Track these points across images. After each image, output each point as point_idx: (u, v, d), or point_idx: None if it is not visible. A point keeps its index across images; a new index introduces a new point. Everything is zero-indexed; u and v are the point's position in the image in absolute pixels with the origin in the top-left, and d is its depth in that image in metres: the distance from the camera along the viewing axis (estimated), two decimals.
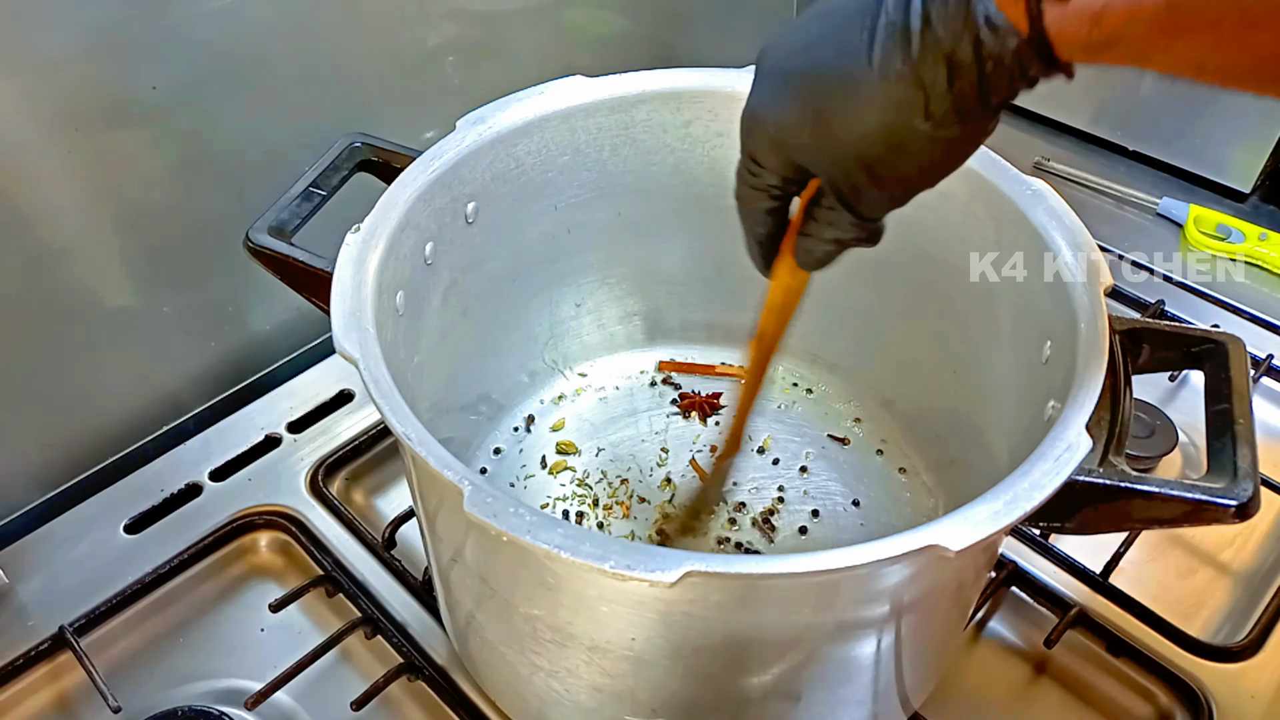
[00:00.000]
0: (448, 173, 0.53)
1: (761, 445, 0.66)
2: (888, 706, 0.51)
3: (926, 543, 0.36)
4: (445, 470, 0.38)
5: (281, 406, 0.71)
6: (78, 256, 0.63)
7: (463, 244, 0.56)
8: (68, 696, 0.56)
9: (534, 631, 0.44)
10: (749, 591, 0.39)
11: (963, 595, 0.49)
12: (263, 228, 0.52)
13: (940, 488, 0.63)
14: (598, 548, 0.36)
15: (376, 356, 0.43)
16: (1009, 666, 0.58)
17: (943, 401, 0.62)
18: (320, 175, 0.55)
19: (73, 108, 0.59)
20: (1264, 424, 0.70)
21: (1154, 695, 0.56)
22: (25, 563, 0.61)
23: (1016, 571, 0.60)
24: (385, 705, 0.55)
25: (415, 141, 0.58)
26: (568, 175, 0.60)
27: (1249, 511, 0.39)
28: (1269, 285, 0.82)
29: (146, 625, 0.60)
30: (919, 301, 0.60)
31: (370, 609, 0.59)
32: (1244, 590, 0.62)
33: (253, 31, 0.65)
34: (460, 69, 0.77)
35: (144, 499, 0.65)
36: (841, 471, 0.65)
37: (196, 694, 0.56)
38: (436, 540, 0.50)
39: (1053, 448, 0.39)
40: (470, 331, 0.60)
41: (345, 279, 0.46)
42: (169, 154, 0.65)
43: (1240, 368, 0.45)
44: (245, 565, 0.63)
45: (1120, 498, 0.40)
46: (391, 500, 0.67)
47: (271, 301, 0.75)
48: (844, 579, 0.39)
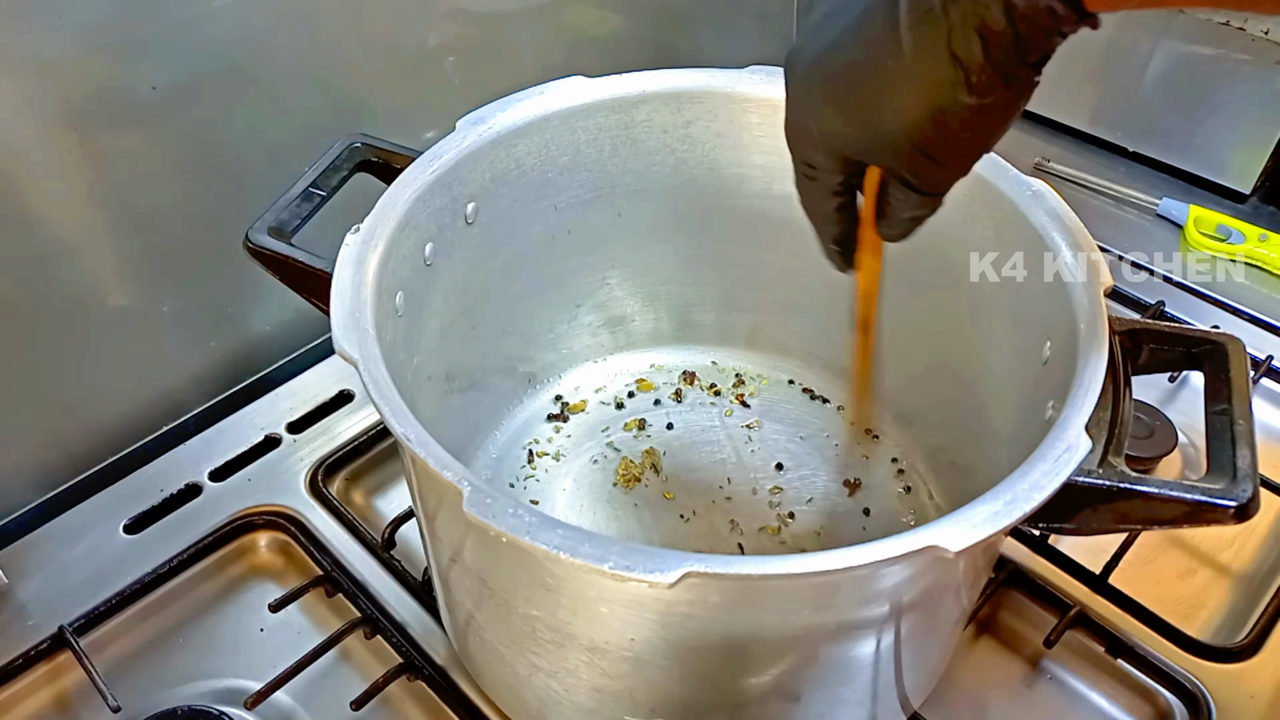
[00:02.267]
0: (448, 173, 0.53)
1: (759, 445, 0.66)
2: (887, 707, 0.51)
3: (926, 543, 0.36)
4: (444, 471, 0.38)
5: (281, 406, 0.71)
6: (78, 256, 0.63)
7: (463, 244, 0.56)
8: (67, 696, 0.56)
9: (533, 632, 0.44)
10: (748, 592, 0.39)
11: (962, 596, 0.49)
12: (262, 228, 0.52)
13: (940, 488, 0.63)
14: (597, 548, 0.36)
15: (376, 357, 0.43)
16: (1009, 667, 0.58)
17: (943, 402, 0.62)
18: (320, 175, 0.55)
19: (73, 108, 0.59)
20: (1264, 425, 0.70)
21: (1154, 695, 0.56)
22: (25, 563, 0.61)
23: (1016, 572, 0.60)
24: (385, 705, 0.55)
25: (415, 141, 0.58)
26: (568, 175, 0.60)
27: (1249, 512, 0.39)
28: (1269, 286, 0.82)
29: (146, 625, 0.60)
30: (919, 301, 0.60)
31: (370, 609, 0.59)
32: (1244, 590, 0.62)
33: (253, 31, 0.65)
34: (460, 69, 0.77)
35: (144, 499, 0.65)
36: (840, 471, 0.65)
37: (196, 694, 0.56)
38: (436, 541, 0.50)
39: (1052, 448, 0.39)
40: (470, 332, 0.60)
41: (345, 279, 0.46)
42: (169, 154, 0.65)
43: (1240, 368, 0.45)
44: (245, 565, 0.63)
45: (1120, 498, 0.40)
46: (391, 500, 0.67)
47: (271, 301, 0.75)
48: (843, 580, 0.39)
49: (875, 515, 0.62)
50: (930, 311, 0.59)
